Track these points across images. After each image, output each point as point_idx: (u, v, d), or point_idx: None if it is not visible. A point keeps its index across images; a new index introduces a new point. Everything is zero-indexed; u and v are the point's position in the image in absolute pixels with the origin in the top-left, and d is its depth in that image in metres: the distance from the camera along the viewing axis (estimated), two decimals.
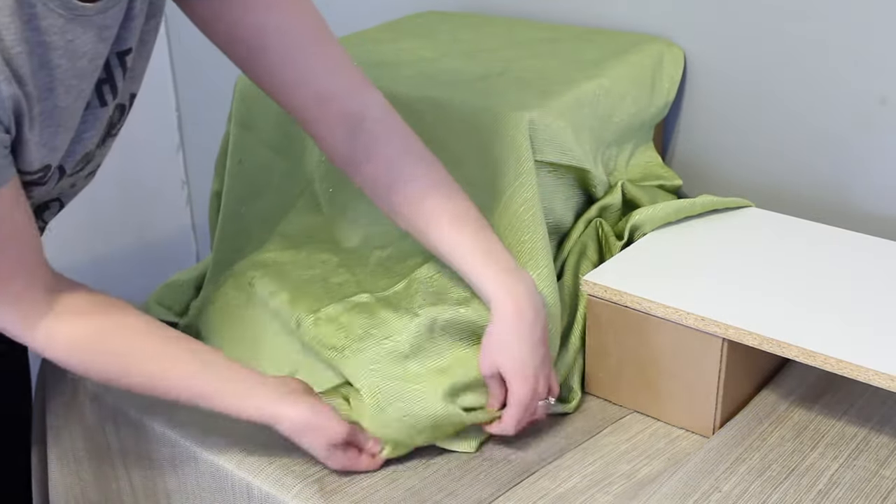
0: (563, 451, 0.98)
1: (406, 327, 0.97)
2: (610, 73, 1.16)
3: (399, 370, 0.96)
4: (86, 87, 0.84)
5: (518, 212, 1.02)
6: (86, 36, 0.80)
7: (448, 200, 0.95)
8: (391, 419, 0.94)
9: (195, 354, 0.91)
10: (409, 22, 1.41)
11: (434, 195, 0.95)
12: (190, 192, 2.03)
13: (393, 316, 0.99)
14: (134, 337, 0.90)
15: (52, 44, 0.77)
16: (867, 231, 1.11)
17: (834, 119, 1.18)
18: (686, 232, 1.11)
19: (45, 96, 0.79)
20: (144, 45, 0.90)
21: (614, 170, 1.18)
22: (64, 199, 0.98)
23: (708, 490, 0.89)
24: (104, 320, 0.89)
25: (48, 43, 0.77)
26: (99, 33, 0.81)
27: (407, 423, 0.94)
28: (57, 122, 0.82)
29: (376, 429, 0.94)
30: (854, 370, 0.88)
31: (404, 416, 0.94)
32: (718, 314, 0.95)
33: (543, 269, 1.01)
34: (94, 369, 0.90)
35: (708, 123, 1.28)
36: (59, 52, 0.78)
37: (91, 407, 1.10)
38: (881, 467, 0.92)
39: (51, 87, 0.79)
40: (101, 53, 0.83)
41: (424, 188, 0.95)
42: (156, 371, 0.90)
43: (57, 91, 0.80)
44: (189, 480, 1.02)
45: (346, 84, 0.95)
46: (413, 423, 0.93)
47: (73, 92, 0.82)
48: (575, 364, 1.04)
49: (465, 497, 0.91)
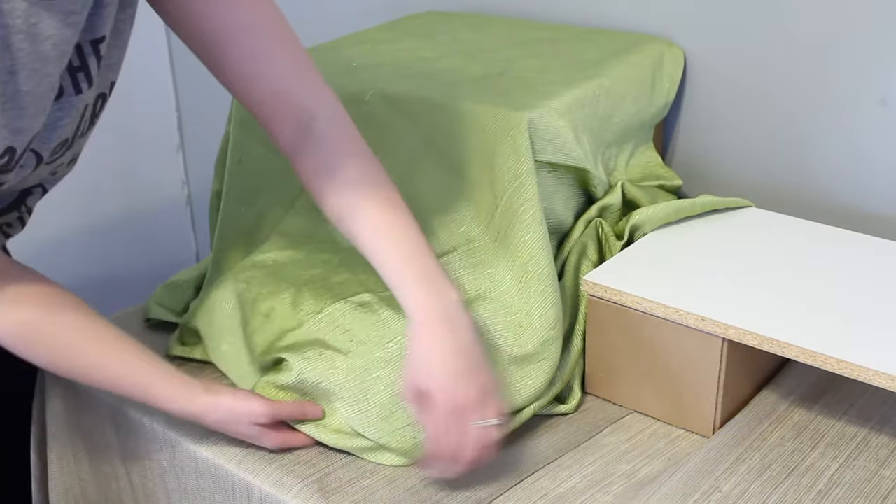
0: (563, 451, 0.98)
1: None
2: (610, 73, 1.16)
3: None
4: (52, 72, 0.84)
5: (518, 212, 1.02)
6: (50, 20, 0.80)
7: (381, 204, 0.94)
8: (397, 427, 0.94)
9: (129, 353, 0.96)
10: (409, 22, 1.41)
11: (367, 198, 0.94)
12: (190, 192, 2.03)
13: (395, 316, 0.99)
14: (72, 332, 0.94)
15: (14, 27, 0.78)
16: (867, 231, 1.11)
17: (834, 119, 1.18)
18: (686, 232, 1.11)
19: (5, 79, 0.80)
20: (119, 34, 0.91)
21: (614, 170, 1.18)
22: (46, 185, 1.00)
23: (708, 490, 0.89)
24: (46, 313, 0.92)
25: (10, 26, 0.78)
26: (64, 18, 0.81)
27: (415, 429, 0.93)
28: (20, 104, 0.82)
29: (382, 436, 0.94)
30: (854, 370, 0.88)
31: (408, 423, 0.94)
32: (718, 314, 0.95)
33: (544, 269, 1.01)
34: (36, 358, 0.94)
35: (708, 123, 1.28)
36: (21, 35, 0.79)
37: (91, 407, 1.10)
38: (881, 467, 0.92)
39: (12, 69, 0.80)
40: (69, 39, 0.83)
41: (359, 191, 0.94)
42: (91, 365, 0.94)
43: (19, 74, 0.80)
44: (189, 480, 1.02)
45: (302, 83, 0.96)
46: (420, 429, 0.93)
47: (37, 76, 0.82)
48: (576, 364, 1.04)
49: (465, 497, 0.91)
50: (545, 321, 0.99)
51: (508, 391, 0.97)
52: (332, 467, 0.95)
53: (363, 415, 0.95)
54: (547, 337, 0.99)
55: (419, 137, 1.09)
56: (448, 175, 1.08)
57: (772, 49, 1.20)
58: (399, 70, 1.17)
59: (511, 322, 1.00)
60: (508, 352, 0.98)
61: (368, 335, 0.98)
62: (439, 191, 1.09)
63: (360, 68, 1.18)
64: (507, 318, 1.00)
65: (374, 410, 0.95)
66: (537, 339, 0.99)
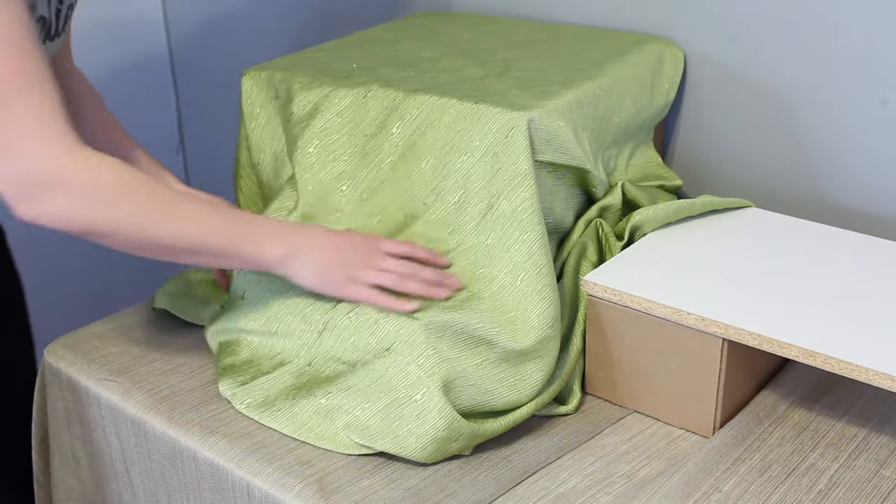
0: (564, 451, 0.98)
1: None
2: (610, 73, 1.16)
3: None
4: None
5: (517, 211, 1.02)
6: None
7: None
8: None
9: (219, 206, 1.02)
10: (409, 22, 1.41)
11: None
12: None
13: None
14: (162, 187, 0.94)
15: None
16: (867, 231, 1.11)
17: (834, 119, 1.18)
18: (686, 232, 1.11)
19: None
20: None
21: (614, 170, 1.18)
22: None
23: (708, 490, 0.89)
24: (137, 170, 0.94)
25: None
26: None
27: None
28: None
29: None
30: (854, 370, 0.88)
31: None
32: (718, 314, 0.95)
33: (542, 269, 1.01)
34: (128, 206, 0.91)
35: (708, 123, 1.28)
36: None
37: (91, 407, 1.10)
38: (881, 467, 0.92)
39: None
40: None
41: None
42: (180, 218, 0.94)
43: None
44: (189, 480, 1.02)
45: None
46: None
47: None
48: (576, 364, 1.04)
49: (465, 497, 0.91)
50: (543, 319, 0.99)
51: (506, 387, 0.98)
52: (332, 467, 0.95)
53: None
54: (545, 335, 0.99)
55: (419, 137, 1.09)
56: (446, 174, 1.08)
57: (772, 49, 1.20)
58: (399, 70, 1.17)
59: (507, 320, 1.00)
60: (504, 348, 0.98)
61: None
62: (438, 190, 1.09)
63: (359, 69, 1.18)
64: (501, 317, 1.00)
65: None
66: (534, 337, 0.99)
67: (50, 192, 0.87)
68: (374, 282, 0.98)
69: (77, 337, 1.17)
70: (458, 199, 1.07)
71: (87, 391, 1.10)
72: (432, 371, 0.95)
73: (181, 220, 0.93)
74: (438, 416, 0.93)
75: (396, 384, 0.96)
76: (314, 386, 1.00)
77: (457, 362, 0.96)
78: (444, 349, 0.96)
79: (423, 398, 0.94)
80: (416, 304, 0.97)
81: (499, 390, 0.97)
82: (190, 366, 1.11)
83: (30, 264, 1.61)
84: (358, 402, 0.97)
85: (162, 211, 0.92)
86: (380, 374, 0.97)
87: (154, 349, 1.14)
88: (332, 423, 0.98)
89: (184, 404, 1.04)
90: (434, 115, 1.08)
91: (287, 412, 1.00)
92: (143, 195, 0.92)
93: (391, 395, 0.96)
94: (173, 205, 0.94)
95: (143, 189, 0.92)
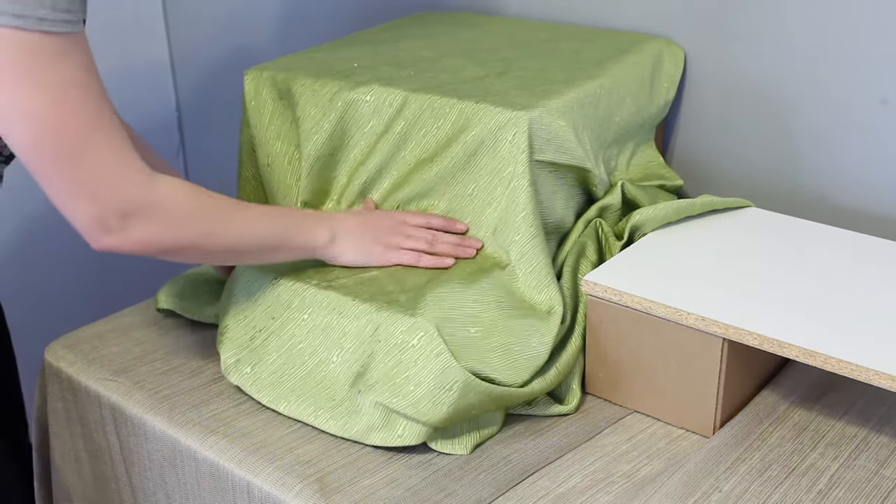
0: (564, 451, 0.98)
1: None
2: (610, 72, 1.16)
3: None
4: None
5: (515, 211, 1.02)
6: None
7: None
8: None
9: (265, 207, 1.09)
10: (409, 22, 1.41)
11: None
12: None
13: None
14: (219, 196, 0.98)
15: None
16: (867, 231, 1.11)
17: (834, 119, 1.18)
18: (686, 232, 1.11)
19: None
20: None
21: (615, 170, 1.18)
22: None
23: (708, 490, 0.89)
24: (196, 185, 0.97)
25: None
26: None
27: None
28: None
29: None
30: (854, 370, 0.88)
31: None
32: (718, 314, 0.95)
33: (542, 268, 1.01)
34: (204, 223, 0.96)
35: (708, 123, 1.28)
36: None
37: (91, 407, 1.10)
38: (881, 467, 0.92)
39: None
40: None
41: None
42: (242, 223, 0.99)
43: None
44: (189, 480, 1.02)
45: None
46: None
47: None
48: (576, 364, 1.04)
49: (465, 497, 0.91)
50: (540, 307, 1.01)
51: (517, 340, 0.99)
52: (332, 467, 0.95)
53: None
54: (544, 310, 1.02)
55: (419, 136, 1.09)
56: (446, 174, 1.08)
57: (772, 49, 1.20)
58: (399, 70, 1.17)
59: (507, 293, 1.02)
60: (511, 310, 1.01)
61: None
62: (438, 190, 1.09)
63: (360, 68, 1.18)
64: (504, 295, 1.02)
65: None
66: (536, 312, 1.01)
67: (135, 221, 0.90)
68: (408, 246, 1.06)
69: (77, 337, 1.17)
70: (458, 199, 1.07)
71: (87, 391, 1.10)
72: (430, 318, 0.96)
73: (243, 224, 0.99)
74: (436, 359, 0.94)
75: (395, 331, 0.97)
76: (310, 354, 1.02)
77: (456, 331, 0.97)
78: (443, 327, 0.97)
79: (420, 342, 0.95)
80: (452, 261, 1.05)
81: (495, 362, 0.98)
82: (190, 366, 1.11)
83: (30, 264, 1.62)
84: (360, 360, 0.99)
85: (227, 220, 0.98)
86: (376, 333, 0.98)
87: (154, 349, 1.14)
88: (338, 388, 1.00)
89: (184, 404, 1.04)
90: (435, 115, 1.08)
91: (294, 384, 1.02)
92: (211, 209, 0.97)
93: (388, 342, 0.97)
94: (234, 212, 0.99)
95: (210, 203, 0.97)
